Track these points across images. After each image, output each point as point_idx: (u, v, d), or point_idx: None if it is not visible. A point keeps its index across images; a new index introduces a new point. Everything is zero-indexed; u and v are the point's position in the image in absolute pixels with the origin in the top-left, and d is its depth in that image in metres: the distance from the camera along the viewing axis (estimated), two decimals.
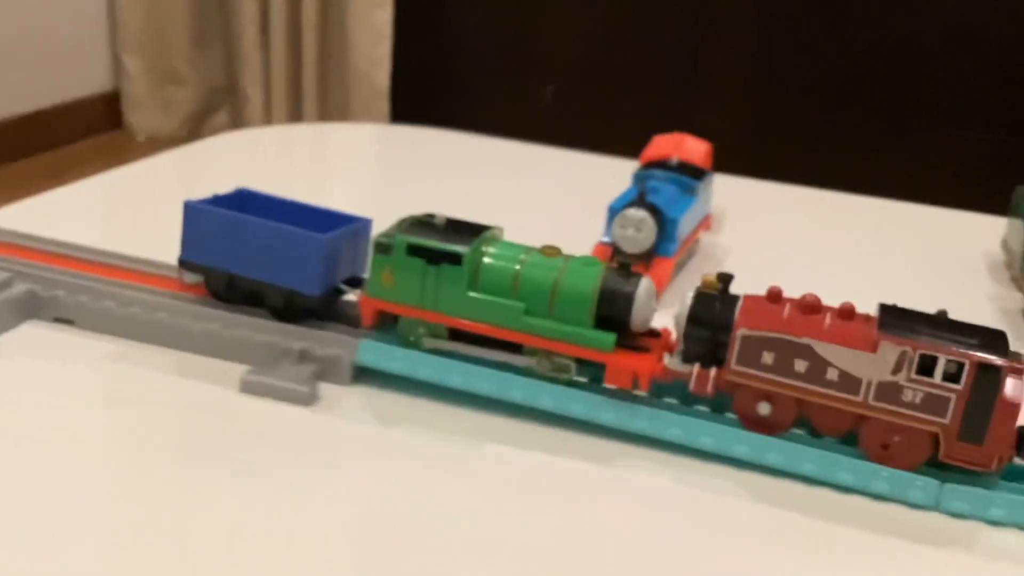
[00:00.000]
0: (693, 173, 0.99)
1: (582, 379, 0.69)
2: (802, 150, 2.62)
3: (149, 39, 2.97)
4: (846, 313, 0.65)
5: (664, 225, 0.89)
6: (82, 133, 2.88)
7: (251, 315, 0.72)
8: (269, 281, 0.71)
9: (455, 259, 0.67)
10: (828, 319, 0.65)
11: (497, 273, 0.67)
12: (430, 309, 0.68)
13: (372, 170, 1.31)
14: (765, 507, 0.63)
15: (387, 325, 0.71)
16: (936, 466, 0.64)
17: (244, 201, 0.74)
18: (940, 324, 0.64)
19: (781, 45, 2.65)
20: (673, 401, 0.69)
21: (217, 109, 3.08)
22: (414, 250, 0.67)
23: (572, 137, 1.62)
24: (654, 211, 0.88)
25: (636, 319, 0.67)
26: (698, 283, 0.68)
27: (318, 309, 0.72)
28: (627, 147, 1.39)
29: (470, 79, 2.91)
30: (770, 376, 0.65)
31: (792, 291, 0.67)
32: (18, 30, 2.65)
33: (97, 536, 0.55)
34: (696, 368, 0.66)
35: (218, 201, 0.73)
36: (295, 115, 2.96)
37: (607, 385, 0.68)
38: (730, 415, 0.68)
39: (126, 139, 2.99)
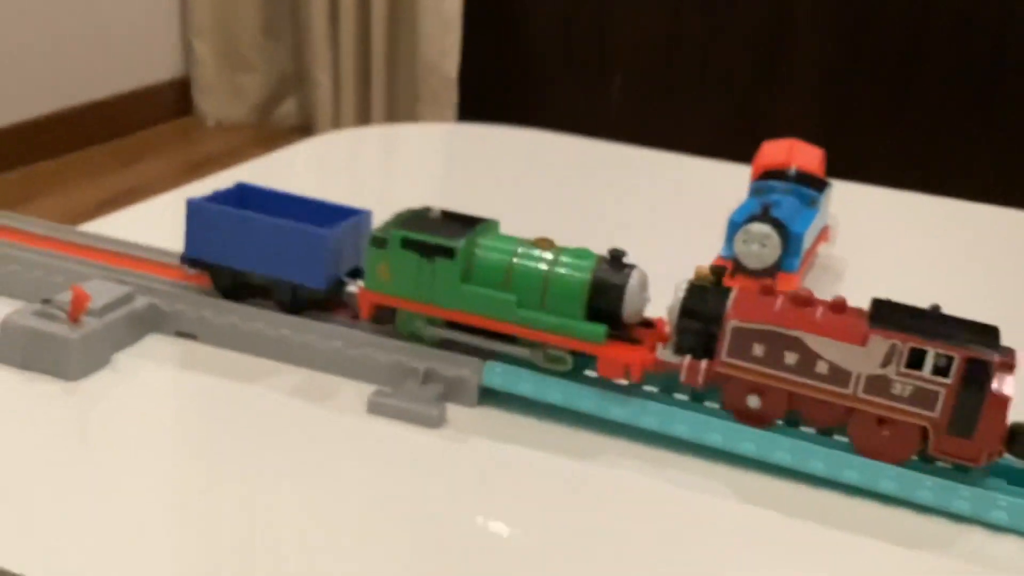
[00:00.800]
0: (813, 184, 0.96)
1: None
2: (881, 143, 2.55)
3: (219, 26, 3.02)
4: (838, 307, 0.65)
5: (788, 240, 0.86)
6: (153, 119, 2.94)
7: (376, 334, 0.72)
8: (275, 276, 0.73)
9: (448, 253, 0.68)
10: (819, 312, 0.65)
11: (490, 266, 0.68)
12: (425, 302, 0.69)
13: (447, 172, 1.30)
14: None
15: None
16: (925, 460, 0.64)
17: (244, 196, 0.76)
18: (932, 318, 0.64)
19: (859, 35, 2.58)
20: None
21: (286, 96, 3.12)
22: (409, 244, 0.69)
23: (642, 126, 1.61)
24: (779, 226, 0.86)
25: (628, 310, 0.67)
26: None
27: (323, 301, 0.74)
28: (699, 139, 1.37)
29: (538, 67, 2.91)
30: (760, 368, 0.65)
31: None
32: (91, 18, 2.71)
33: (201, 548, 0.57)
34: (687, 359, 0.66)
35: (218, 197, 0.75)
36: (363, 103, 2.98)
37: (600, 375, 0.68)
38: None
39: (196, 125, 3.04)
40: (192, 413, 0.68)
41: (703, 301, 0.67)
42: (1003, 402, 0.62)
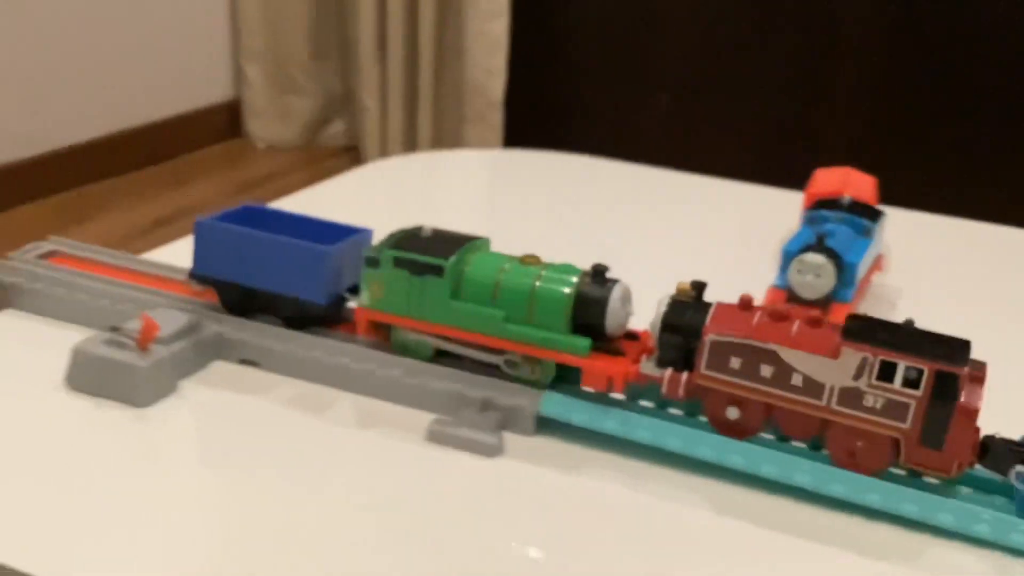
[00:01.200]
0: (867, 213, 0.96)
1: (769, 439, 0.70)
2: (928, 167, 2.51)
3: (269, 50, 3.07)
4: (814, 321, 0.67)
5: (843, 270, 0.86)
6: (205, 141, 3.00)
7: (434, 363, 0.74)
8: (279, 292, 0.76)
9: (437, 270, 0.71)
10: (795, 327, 0.67)
11: (478, 282, 0.71)
12: (416, 318, 0.72)
13: (490, 199, 1.32)
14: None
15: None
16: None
17: (250, 216, 0.79)
18: (904, 333, 0.66)
19: (907, 57, 2.53)
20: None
21: (333, 117, 3.17)
22: (400, 263, 0.72)
23: (687, 147, 1.60)
24: (833, 256, 0.86)
25: (611, 324, 0.70)
26: None
27: (325, 316, 0.77)
28: (746, 156, 1.37)
29: (584, 87, 2.93)
30: (737, 381, 0.67)
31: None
32: (144, 43, 2.78)
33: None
34: (668, 372, 0.69)
35: (226, 217, 0.79)
36: (410, 124, 3.02)
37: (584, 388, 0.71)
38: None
39: (247, 147, 3.10)
40: (255, 440, 0.70)
41: (683, 315, 0.69)
42: (971, 413, 0.63)
